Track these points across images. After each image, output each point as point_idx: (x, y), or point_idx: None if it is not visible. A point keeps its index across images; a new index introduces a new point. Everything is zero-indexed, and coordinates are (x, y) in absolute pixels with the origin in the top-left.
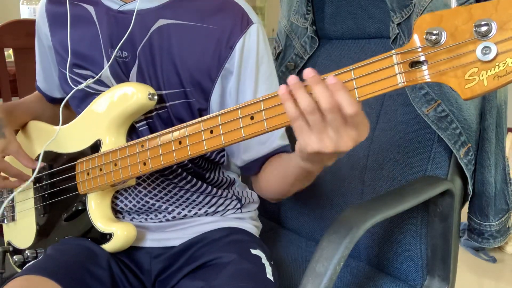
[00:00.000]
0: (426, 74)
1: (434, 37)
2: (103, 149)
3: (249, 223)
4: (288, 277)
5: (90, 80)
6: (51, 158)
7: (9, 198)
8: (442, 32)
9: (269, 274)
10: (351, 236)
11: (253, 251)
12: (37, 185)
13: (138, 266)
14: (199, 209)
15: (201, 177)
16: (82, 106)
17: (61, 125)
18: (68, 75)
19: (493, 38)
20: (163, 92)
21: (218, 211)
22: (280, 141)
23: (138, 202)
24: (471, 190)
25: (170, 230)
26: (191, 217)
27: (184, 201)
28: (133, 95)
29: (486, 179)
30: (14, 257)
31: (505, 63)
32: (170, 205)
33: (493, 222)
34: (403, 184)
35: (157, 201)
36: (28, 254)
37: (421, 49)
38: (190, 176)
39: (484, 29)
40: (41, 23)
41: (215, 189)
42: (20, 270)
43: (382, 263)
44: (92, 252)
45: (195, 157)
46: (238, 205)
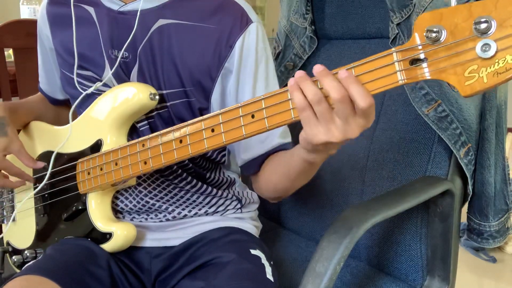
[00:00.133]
0: (426, 72)
1: (434, 35)
2: (104, 149)
3: (249, 223)
4: (288, 277)
5: (98, 83)
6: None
7: (27, 198)
8: (442, 30)
9: (268, 275)
10: (351, 236)
11: (252, 251)
12: (37, 185)
13: (138, 266)
14: (199, 209)
15: (201, 178)
16: (83, 106)
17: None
18: (72, 77)
19: (492, 35)
20: (164, 91)
21: (218, 211)
22: (280, 139)
23: (139, 202)
24: (471, 190)
25: (170, 230)
26: (191, 217)
27: (184, 201)
28: (135, 95)
29: (485, 179)
30: (14, 257)
31: (504, 60)
32: (170, 205)
33: (493, 222)
34: (403, 184)
35: (157, 201)
36: (28, 254)
37: (421, 46)
38: (190, 177)
39: (483, 26)
40: (42, 25)
41: (215, 189)
42: (19, 271)
43: (382, 263)
44: (92, 252)
45: (196, 157)
46: (238, 205)
